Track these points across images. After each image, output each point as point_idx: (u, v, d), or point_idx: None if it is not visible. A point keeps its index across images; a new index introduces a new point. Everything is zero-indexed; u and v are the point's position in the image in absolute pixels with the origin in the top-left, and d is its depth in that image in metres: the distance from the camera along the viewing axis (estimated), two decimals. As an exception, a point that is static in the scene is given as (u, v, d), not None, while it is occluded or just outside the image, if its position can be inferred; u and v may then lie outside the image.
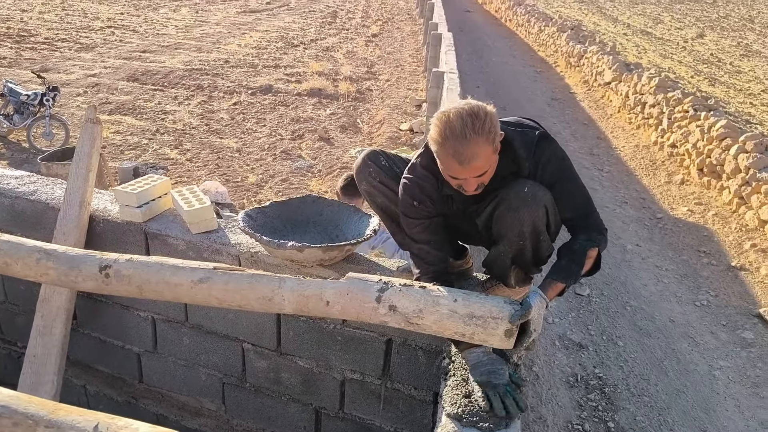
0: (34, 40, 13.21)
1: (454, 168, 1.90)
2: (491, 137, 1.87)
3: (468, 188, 1.95)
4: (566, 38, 13.33)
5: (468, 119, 1.83)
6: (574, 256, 2.06)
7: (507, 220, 2.02)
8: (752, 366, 4.26)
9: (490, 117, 1.87)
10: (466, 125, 1.83)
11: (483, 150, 1.86)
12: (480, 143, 1.85)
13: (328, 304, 1.94)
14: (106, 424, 1.30)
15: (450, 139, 1.85)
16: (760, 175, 6.02)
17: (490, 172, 1.96)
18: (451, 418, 1.80)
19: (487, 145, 1.87)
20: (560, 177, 2.06)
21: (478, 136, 1.84)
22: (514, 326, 1.83)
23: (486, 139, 1.85)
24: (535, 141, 2.04)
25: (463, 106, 1.87)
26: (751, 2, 21.97)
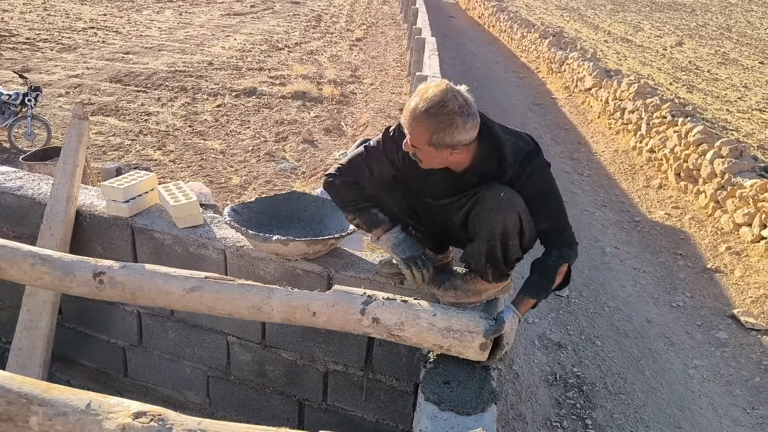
0: (15, 40, 13.10)
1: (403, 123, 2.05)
2: (430, 127, 1.94)
3: (405, 146, 2.06)
4: (548, 45, 13.49)
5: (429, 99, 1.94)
6: (546, 272, 2.16)
7: (481, 219, 2.08)
8: (726, 365, 4.37)
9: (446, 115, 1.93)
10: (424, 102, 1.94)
11: (417, 132, 1.97)
12: (417, 126, 1.96)
13: (314, 315, 2.02)
14: (98, 402, 1.35)
15: (412, 102, 1.98)
16: (735, 180, 6.16)
17: (424, 157, 2.05)
18: (430, 402, 1.87)
19: (424, 131, 1.95)
20: (541, 193, 2.11)
21: (422, 116, 1.94)
22: (488, 340, 1.95)
23: (425, 127, 1.94)
24: (526, 152, 2.10)
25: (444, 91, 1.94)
26: (729, 12, 22.36)
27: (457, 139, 1.95)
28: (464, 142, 1.98)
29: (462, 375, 1.99)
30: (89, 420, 1.34)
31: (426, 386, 1.94)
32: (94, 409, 1.35)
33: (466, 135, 1.97)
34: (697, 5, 23.88)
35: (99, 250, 2.94)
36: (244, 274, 2.64)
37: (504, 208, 2.03)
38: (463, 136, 1.96)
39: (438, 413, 1.84)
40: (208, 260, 2.72)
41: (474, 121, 1.97)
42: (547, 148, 8.61)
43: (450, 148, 1.98)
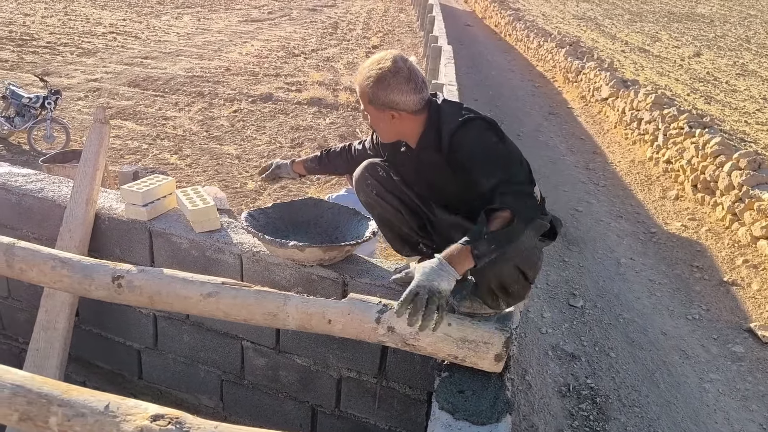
0: (36, 44, 13.28)
1: None
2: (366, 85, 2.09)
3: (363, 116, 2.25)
4: (565, 54, 13.46)
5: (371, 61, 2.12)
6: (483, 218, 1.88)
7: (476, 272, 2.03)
8: (742, 379, 4.32)
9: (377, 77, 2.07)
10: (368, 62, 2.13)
11: (360, 90, 2.14)
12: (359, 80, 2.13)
13: (330, 323, 2.04)
14: (117, 404, 1.36)
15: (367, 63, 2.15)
16: (753, 192, 6.11)
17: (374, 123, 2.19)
18: (444, 411, 1.87)
19: (364, 89, 2.11)
20: (474, 151, 2.02)
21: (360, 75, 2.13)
22: (503, 351, 1.94)
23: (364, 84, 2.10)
24: (463, 120, 2.08)
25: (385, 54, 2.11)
26: (748, 23, 22.21)
27: (391, 98, 2.06)
28: (402, 105, 2.07)
29: (476, 384, 1.99)
30: (107, 422, 1.35)
31: (440, 395, 1.94)
32: (112, 411, 1.37)
33: (403, 97, 2.06)
34: (715, 16, 23.76)
35: (117, 253, 2.97)
36: (260, 279, 2.65)
37: (496, 264, 1.92)
38: (399, 97, 2.06)
39: (452, 422, 1.84)
40: (224, 265, 2.74)
41: (413, 86, 2.07)
42: (562, 157, 8.59)
43: (388, 108, 2.08)
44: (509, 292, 2.08)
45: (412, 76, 2.06)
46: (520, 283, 2.08)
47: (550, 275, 5.47)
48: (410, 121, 2.13)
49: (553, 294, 5.19)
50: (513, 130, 9.62)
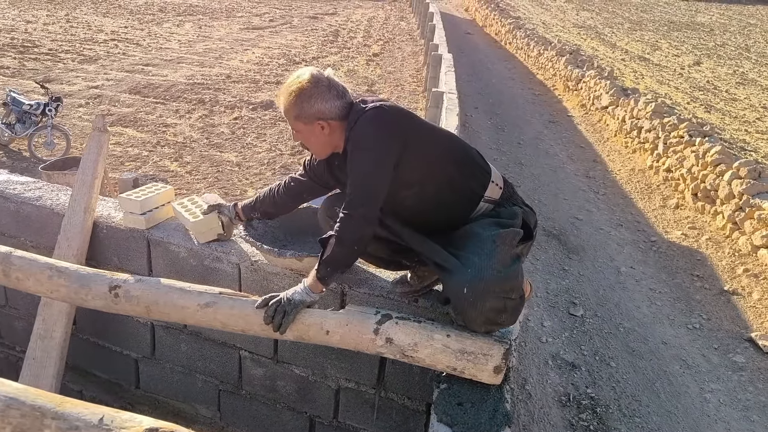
0: (38, 50, 13.31)
1: None
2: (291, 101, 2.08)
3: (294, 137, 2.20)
4: (565, 62, 13.48)
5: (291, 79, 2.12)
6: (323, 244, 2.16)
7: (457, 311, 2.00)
8: (743, 390, 4.30)
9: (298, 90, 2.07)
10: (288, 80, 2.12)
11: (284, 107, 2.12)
12: (282, 99, 2.12)
13: (327, 333, 2.03)
14: (111, 417, 1.35)
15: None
16: (754, 201, 6.10)
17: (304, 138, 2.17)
18: (443, 423, 1.85)
19: (290, 107, 2.10)
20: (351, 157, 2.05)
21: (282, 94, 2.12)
22: (503, 362, 1.94)
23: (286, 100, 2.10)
24: (354, 120, 2.06)
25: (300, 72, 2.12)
26: (748, 32, 22.26)
27: (317, 107, 2.07)
28: (329, 113, 2.08)
29: (475, 396, 1.97)
30: (101, 435, 1.34)
31: (439, 407, 1.93)
32: (106, 424, 1.35)
33: (327, 104, 2.07)
34: (715, 25, 23.82)
35: (115, 261, 2.96)
36: (258, 288, 2.64)
37: (474, 304, 1.89)
38: (323, 105, 2.07)
39: (451, 435, 1.82)
40: (222, 274, 2.73)
41: (335, 93, 2.09)
42: (562, 165, 8.58)
43: (316, 119, 2.08)
44: (499, 323, 1.98)
45: (332, 84, 2.09)
46: (507, 309, 1.95)
47: (550, 284, 5.45)
48: (339, 130, 2.11)
49: (553, 303, 5.17)
50: (513, 138, 9.61)
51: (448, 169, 2.08)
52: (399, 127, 2.03)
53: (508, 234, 1.95)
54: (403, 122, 2.06)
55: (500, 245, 1.91)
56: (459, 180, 2.08)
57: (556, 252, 6.01)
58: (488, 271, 1.86)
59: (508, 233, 1.96)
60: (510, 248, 1.95)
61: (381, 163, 1.98)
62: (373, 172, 1.99)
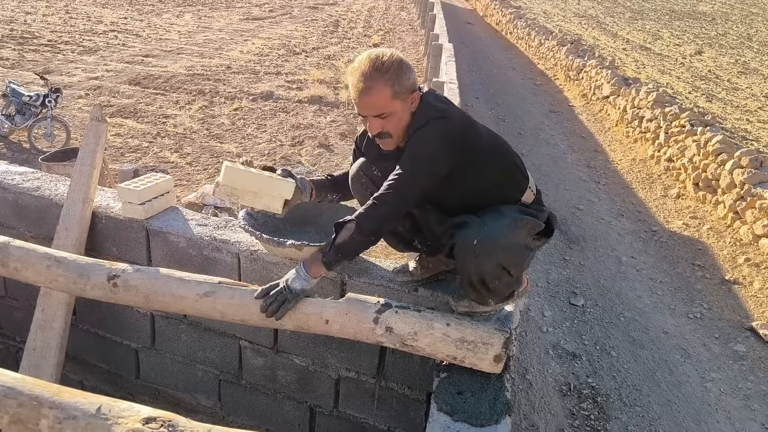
0: (38, 42, 13.26)
1: (356, 102, 2.03)
2: (388, 77, 1.97)
3: (371, 130, 2.06)
4: (566, 52, 13.43)
5: (371, 58, 1.98)
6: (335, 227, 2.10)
7: (458, 261, 2.03)
8: (744, 379, 4.30)
9: (392, 62, 1.98)
10: (367, 62, 1.97)
11: (379, 86, 1.96)
12: (377, 79, 1.96)
13: (327, 323, 2.02)
14: (109, 406, 1.34)
15: (354, 72, 1.99)
16: (755, 191, 6.08)
17: (393, 120, 2.03)
18: (443, 412, 1.85)
19: (384, 85, 1.97)
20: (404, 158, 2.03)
21: (376, 73, 1.96)
22: (503, 351, 1.93)
23: (382, 77, 1.96)
24: (432, 117, 2.03)
25: (372, 50, 2.03)
26: (750, 21, 22.15)
27: (410, 79, 2.02)
28: (414, 84, 2.04)
29: (476, 385, 1.97)
30: (99, 424, 1.33)
31: (439, 396, 1.92)
32: (104, 414, 1.35)
33: (412, 75, 2.04)
34: (717, 14, 23.70)
35: (114, 252, 2.95)
36: (258, 278, 2.63)
37: (477, 258, 1.94)
38: (412, 76, 2.03)
39: (451, 424, 1.82)
40: (222, 264, 2.72)
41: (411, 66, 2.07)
42: (563, 155, 8.56)
43: (409, 92, 2.02)
44: (489, 288, 2.02)
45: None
46: (502, 280, 2.01)
47: (551, 274, 5.44)
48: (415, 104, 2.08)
49: (554, 293, 5.16)
50: (514, 128, 9.58)
51: (496, 179, 2.12)
52: (462, 144, 2.02)
53: (530, 221, 2.03)
54: (467, 140, 2.05)
55: (520, 227, 1.99)
56: (503, 187, 2.14)
57: (557, 242, 6.00)
58: (501, 238, 1.93)
59: (531, 221, 2.03)
60: (528, 234, 2.03)
61: (432, 174, 2.00)
62: (420, 179, 2.00)
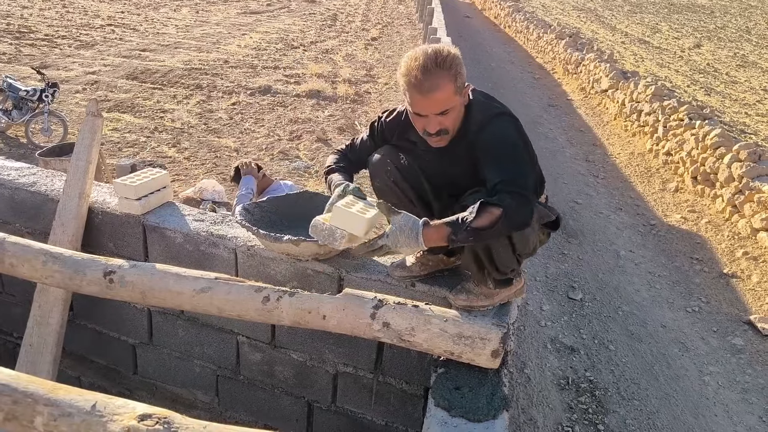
0: (34, 36, 13.21)
1: (417, 100, 1.96)
2: (452, 73, 1.93)
3: (430, 128, 2.00)
4: (564, 45, 13.40)
5: (431, 54, 1.92)
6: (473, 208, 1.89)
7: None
8: (742, 372, 4.31)
9: (454, 57, 1.95)
10: (429, 58, 1.92)
11: (444, 83, 1.92)
12: (441, 75, 1.91)
13: (324, 318, 2.01)
14: (104, 403, 1.33)
15: (413, 69, 1.93)
16: (753, 184, 6.08)
17: (453, 115, 2.00)
18: (440, 408, 1.84)
19: (449, 81, 1.93)
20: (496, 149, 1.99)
21: (439, 69, 1.91)
22: (500, 346, 1.93)
23: (447, 73, 1.92)
24: (494, 114, 2.05)
25: (431, 45, 1.97)
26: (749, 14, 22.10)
27: (465, 73, 1.99)
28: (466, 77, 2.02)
29: (473, 381, 1.96)
30: (94, 421, 1.32)
31: (436, 391, 1.92)
32: (99, 411, 1.34)
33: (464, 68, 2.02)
34: (716, 7, 23.66)
35: (111, 248, 2.94)
36: (255, 273, 2.62)
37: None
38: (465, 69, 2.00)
39: (448, 419, 1.81)
40: (218, 259, 2.71)
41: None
42: (562, 149, 8.55)
43: (464, 86, 2.00)
44: (494, 261, 2.04)
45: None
46: (507, 254, 2.03)
47: (549, 268, 5.44)
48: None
49: (552, 287, 5.16)
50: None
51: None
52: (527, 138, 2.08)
53: (541, 209, 2.07)
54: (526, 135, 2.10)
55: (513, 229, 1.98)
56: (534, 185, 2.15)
57: (556, 236, 5.99)
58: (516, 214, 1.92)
59: (542, 209, 2.07)
60: (537, 220, 2.04)
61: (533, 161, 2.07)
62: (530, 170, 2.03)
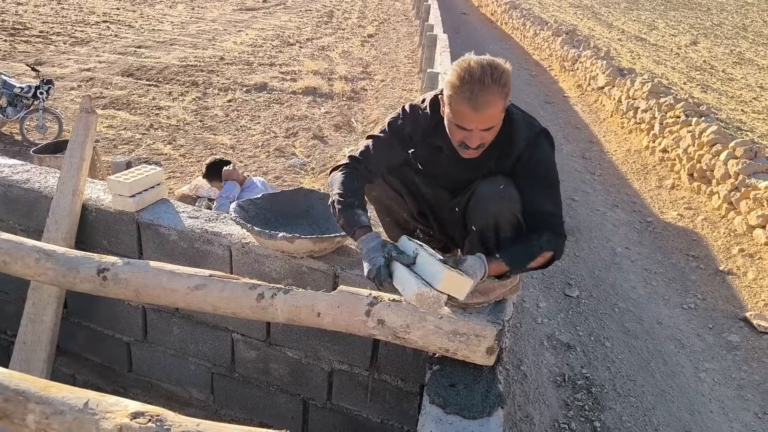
0: (29, 33, 13.16)
1: (467, 114, 1.89)
2: (505, 91, 1.89)
3: (472, 142, 1.95)
4: (561, 42, 13.40)
5: (488, 67, 1.86)
6: (531, 249, 2.06)
7: (477, 209, 2.06)
8: (737, 369, 4.31)
9: (508, 73, 1.90)
10: (486, 73, 1.85)
11: (496, 100, 1.87)
12: (495, 92, 1.86)
13: (319, 316, 2.00)
14: (96, 401, 1.33)
15: (468, 82, 1.86)
16: (749, 181, 6.08)
17: (494, 131, 1.97)
18: (435, 405, 1.84)
19: (501, 98, 1.89)
20: (547, 175, 2.09)
21: (495, 85, 1.86)
22: (495, 343, 1.92)
23: (501, 90, 1.87)
24: (538, 131, 2.07)
25: (483, 56, 1.90)
26: (745, 11, 22.13)
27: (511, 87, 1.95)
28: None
29: (468, 378, 1.96)
30: (86, 419, 1.31)
31: (431, 389, 1.91)
32: (91, 408, 1.33)
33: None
34: (712, 4, 23.68)
35: (105, 245, 2.93)
36: (250, 270, 2.61)
37: (501, 200, 2.01)
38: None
39: (443, 416, 1.81)
40: (213, 256, 2.70)
41: None
42: (558, 146, 8.52)
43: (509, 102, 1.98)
44: (499, 238, 2.06)
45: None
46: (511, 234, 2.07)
47: (545, 265, 5.44)
48: None
49: (548, 284, 5.16)
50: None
51: None
52: None
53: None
54: None
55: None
56: None
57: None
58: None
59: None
60: None
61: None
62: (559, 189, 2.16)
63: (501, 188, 2.01)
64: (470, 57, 1.91)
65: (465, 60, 1.90)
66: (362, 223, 2.02)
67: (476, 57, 1.90)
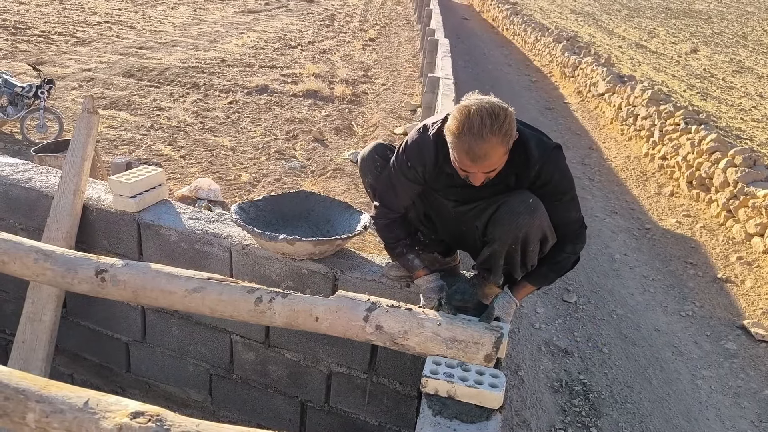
0: (31, 32, 13.17)
1: (466, 163, 1.93)
2: (506, 139, 1.89)
3: (475, 181, 1.99)
4: (562, 49, 13.42)
5: (487, 119, 1.84)
6: (556, 266, 2.24)
7: (504, 222, 2.05)
8: (734, 376, 4.31)
9: (509, 119, 1.89)
10: (485, 125, 1.84)
11: (496, 151, 1.89)
12: (495, 144, 1.86)
13: (317, 320, 2.00)
14: (96, 400, 1.33)
15: (467, 135, 1.86)
16: (748, 189, 6.09)
17: (498, 169, 1.99)
18: (433, 409, 1.84)
19: (501, 146, 1.89)
20: (565, 189, 2.12)
21: (494, 137, 1.85)
22: (493, 351, 1.93)
23: (501, 140, 1.87)
24: (551, 148, 2.09)
25: (485, 103, 1.87)
26: (745, 20, 22.18)
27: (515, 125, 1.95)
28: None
29: (466, 382, 1.96)
30: (86, 418, 1.32)
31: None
32: (91, 408, 1.33)
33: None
34: (713, 12, 23.73)
35: (105, 245, 2.93)
36: (250, 272, 2.62)
37: (531, 213, 2.03)
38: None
39: (441, 420, 1.81)
40: (213, 258, 2.70)
41: None
42: (558, 152, 8.55)
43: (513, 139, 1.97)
44: (526, 253, 2.11)
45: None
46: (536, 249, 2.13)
47: (544, 271, 5.44)
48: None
49: (546, 289, 5.16)
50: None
51: None
52: None
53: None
54: None
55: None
56: None
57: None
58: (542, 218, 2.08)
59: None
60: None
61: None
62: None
63: (531, 201, 2.04)
64: (471, 102, 1.89)
65: (466, 107, 1.89)
66: (417, 267, 2.31)
67: (477, 102, 1.88)
